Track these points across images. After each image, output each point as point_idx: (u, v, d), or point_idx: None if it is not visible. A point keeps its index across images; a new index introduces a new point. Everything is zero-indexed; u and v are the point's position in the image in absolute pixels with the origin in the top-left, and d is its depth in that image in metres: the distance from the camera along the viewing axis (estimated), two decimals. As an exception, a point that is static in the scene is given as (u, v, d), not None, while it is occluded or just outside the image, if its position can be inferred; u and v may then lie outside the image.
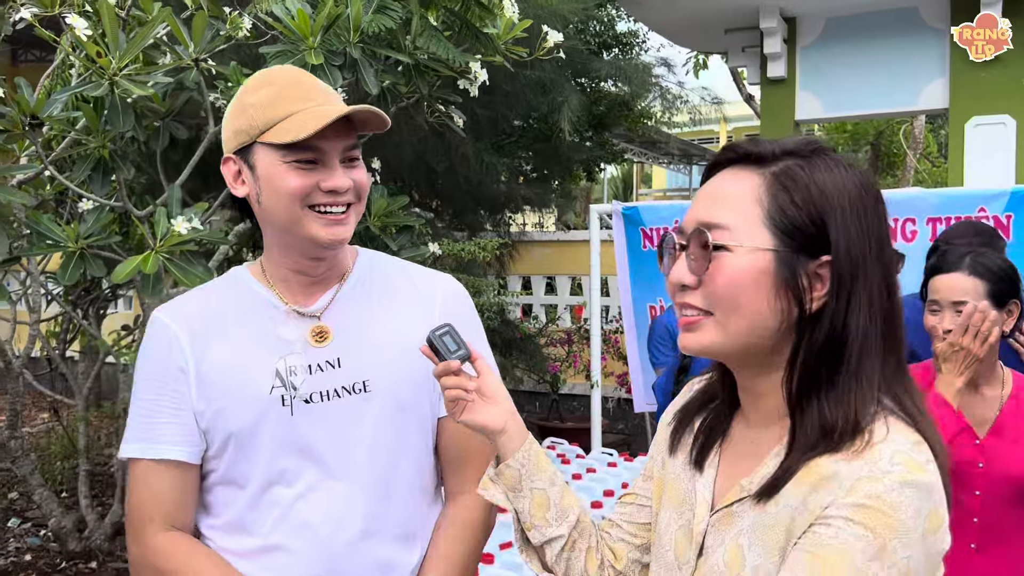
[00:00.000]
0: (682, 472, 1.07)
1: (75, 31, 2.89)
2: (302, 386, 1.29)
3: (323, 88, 1.33)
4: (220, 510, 1.32)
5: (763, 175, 0.93)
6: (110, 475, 5.43)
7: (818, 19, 6.97)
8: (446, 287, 1.43)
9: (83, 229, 3.07)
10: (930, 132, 13.93)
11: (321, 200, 1.27)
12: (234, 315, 1.34)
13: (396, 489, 1.33)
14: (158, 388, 1.31)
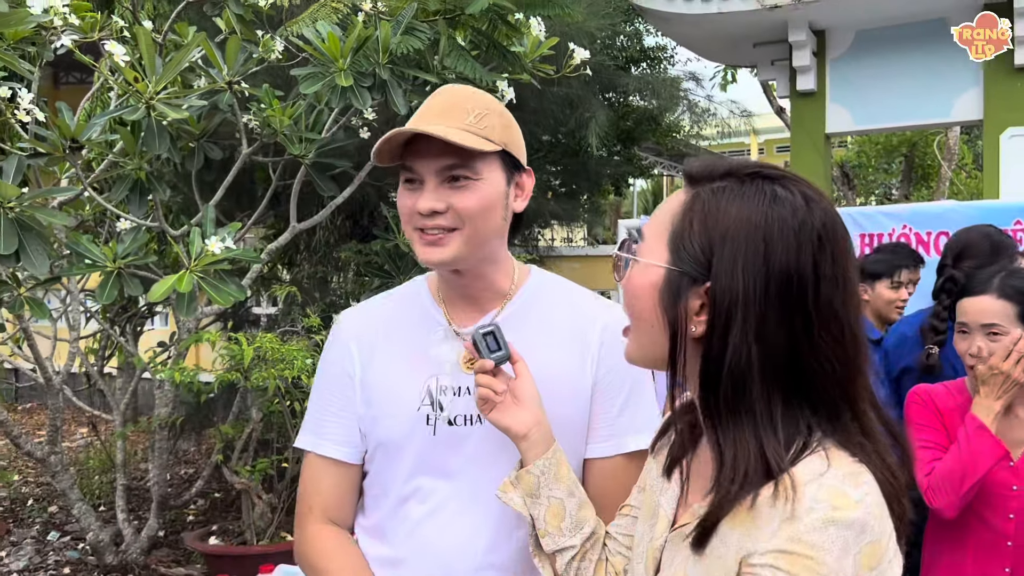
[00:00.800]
0: (655, 483, 1.07)
1: (114, 57, 2.98)
2: (448, 407, 1.29)
3: (447, 106, 1.26)
4: (368, 512, 1.37)
5: (688, 195, 0.94)
6: (146, 489, 5.52)
7: (848, 32, 6.94)
8: (608, 322, 1.32)
9: (121, 249, 3.15)
10: (965, 143, 13.74)
11: (418, 222, 1.25)
12: (403, 327, 1.36)
13: (523, 524, 1.26)
14: (329, 388, 1.37)
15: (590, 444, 1.32)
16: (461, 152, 1.21)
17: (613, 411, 1.32)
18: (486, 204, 1.24)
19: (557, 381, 1.28)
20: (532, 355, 1.29)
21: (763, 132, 19.23)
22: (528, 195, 1.34)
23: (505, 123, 1.28)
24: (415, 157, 1.24)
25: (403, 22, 3.47)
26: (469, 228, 1.24)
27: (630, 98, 8.71)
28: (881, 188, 16.36)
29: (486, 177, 1.25)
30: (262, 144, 3.86)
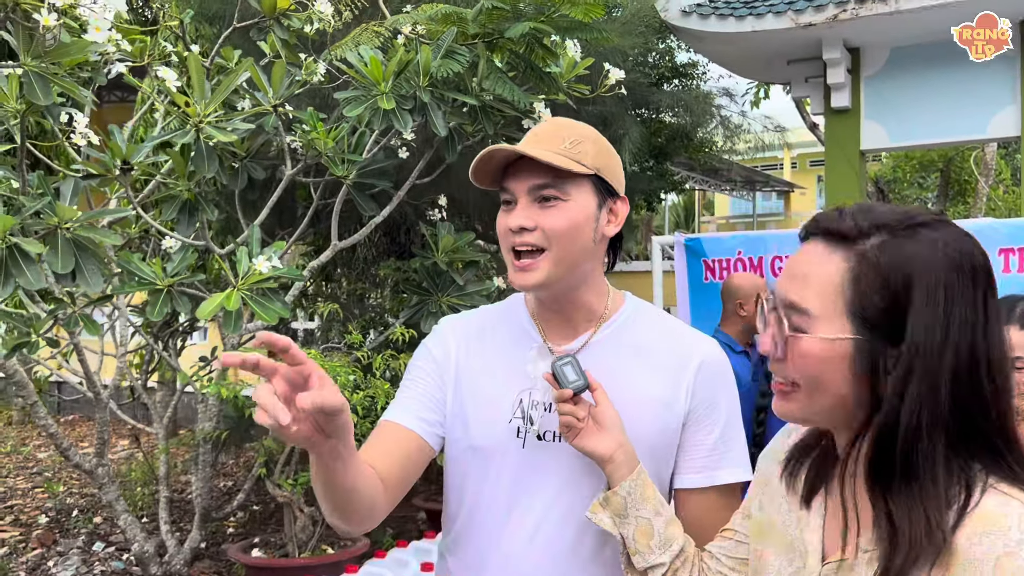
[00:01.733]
0: (787, 517, 1.05)
1: (166, 83, 3.09)
2: (539, 422, 1.32)
3: (545, 134, 1.32)
4: (453, 520, 1.40)
5: (848, 259, 0.91)
6: (187, 501, 5.63)
7: (882, 49, 6.93)
8: (706, 355, 1.35)
9: (170, 268, 3.25)
10: (1003, 158, 13.59)
11: (510, 240, 1.30)
12: (500, 340, 1.40)
13: (605, 541, 1.30)
14: (419, 373, 1.40)
15: (684, 475, 1.34)
16: (552, 172, 1.27)
17: (708, 443, 1.33)
18: (574, 224, 1.28)
19: (646, 405, 1.31)
20: (623, 378, 1.32)
21: (796, 147, 19.16)
22: (621, 221, 1.36)
23: (600, 150, 1.33)
24: (510, 179, 1.30)
25: (443, 46, 3.56)
26: (557, 248, 1.27)
27: (662, 114, 8.77)
28: (917, 203, 16.20)
29: (576, 199, 1.29)
30: (305, 164, 3.95)
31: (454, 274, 4.16)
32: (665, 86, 8.99)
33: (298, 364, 1.00)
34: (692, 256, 5.38)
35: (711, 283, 5.37)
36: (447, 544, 1.41)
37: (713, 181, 16.13)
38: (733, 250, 5.30)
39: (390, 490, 1.29)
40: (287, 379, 1.01)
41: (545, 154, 1.26)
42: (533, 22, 3.61)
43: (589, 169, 1.30)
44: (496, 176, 1.33)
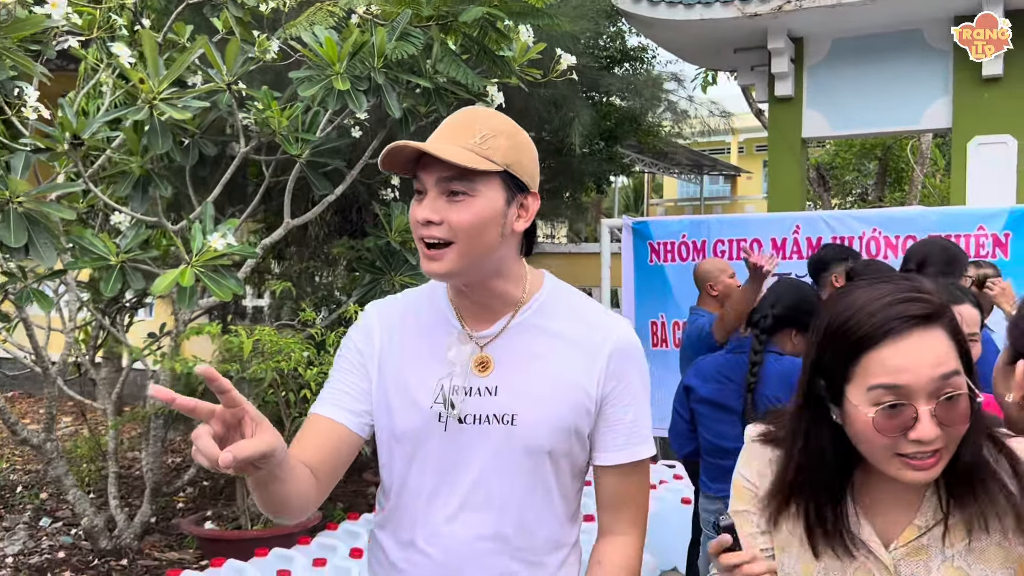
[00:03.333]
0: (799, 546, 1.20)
1: (120, 59, 3.09)
2: (460, 406, 1.35)
3: (458, 126, 1.33)
4: (384, 492, 1.44)
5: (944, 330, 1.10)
6: (135, 477, 5.62)
7: (824, 40, 7.14)
8: (620, 338, 1.40)
9: (124, 244, 3.26)
10: (937, 147, 14.06)
11: (419, 231, 1.32)
12: (422, 326, 1.43)
13: (523, 528, 1.36)
14: (344, 364, 1.43)
15: (607, 452, 1.39)
16: (461, 167, 1.27)
17: (627, 420, 1.39)
18: (479, 220, 1.29)
19: (564, 387, 1.35)
20: (541, 361, 1.37)
21: (743, 132, 19.49)
22: (531, 216, 1.38)
23: (513, 145, 1.33)
24: (421, 169, 1.32)
25: (398, 28, 3.61)
26: (463, 243, 1.29)
27: (612, 98, 8.89)
28: (857, 189, 16.66)
29: (484, 194, 1.30)
30: (258, 142, 3.97)
31: (407, 253, 4.22)
32: (615, 69, 9.10)
33: (233, 406, 1.06)
34: (639, 239, 5.53)
35: (656, 265, 5.53)
36: (380, 520, 1.46)
37: (662, 164, 16.36)
38: (678, 234, 5.46)
39: (322, 482, 1.34)
40: (222, 420, 1.06)
41: (450, 151, 1.27)
42: (487, 6, 3.67)
43: (498, 165, 1.30)
44: (409, 165, 1.34)
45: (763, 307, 2.81)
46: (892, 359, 1.06)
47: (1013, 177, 6.44)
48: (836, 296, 1.17)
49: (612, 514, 1.44)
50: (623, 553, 1.42)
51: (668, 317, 5.52)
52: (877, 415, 1.05)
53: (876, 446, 1.08)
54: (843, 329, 1.10)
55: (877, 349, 1.07)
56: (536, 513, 1.37)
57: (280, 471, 1.17)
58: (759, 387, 2.69)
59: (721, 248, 5.33)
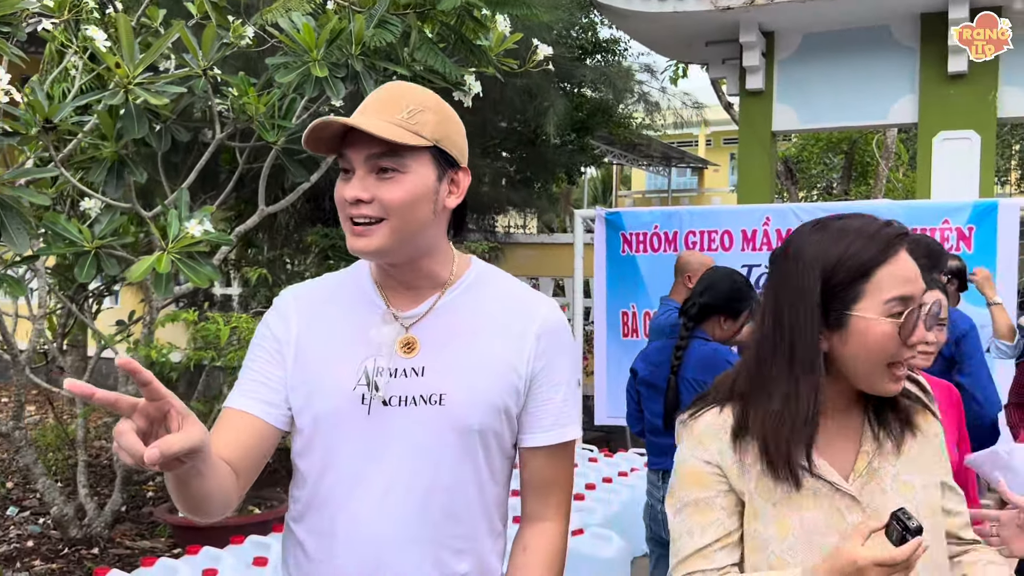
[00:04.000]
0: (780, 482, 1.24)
1: (95, 43, 3.05)
2: (384, 388, 1.31)
3: (384, 101, 1.30)
4: (300, 482, 1.38)
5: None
6: (103, 466, 5.57)
7: (795, 34, 7.23)
8: (547, 318, 1.38)
9: (98, 230, 3.23)
10: (902, 142, 14.29)
11: (347, 211, 1.28)
12: (343, 307, 1.38)
13: (452, 510, 1.32)
14: (259, 352, 1.38)
15: (535, 433, 1.37)
16: (389, 143, 1.24)
17: (557, 400, 1.36)
18: (411, 197, 1.26)
19: (494, 367, 1.33)
20: (470, 341, 1.34)
21: (711, 125, 19.65)
22: (463, 192, 1.35)
23: (441, 120, 1.30)
24: (347, 147, 1.27)
25: (376, 15, 3.59)
26: (394, 220, 1.26)
27: (584, 89, 8.92)
28: (823, 183, 16.88)
29: (414, 171, 1.27)
30: (233, 129, 3.94)
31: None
32: (588, 61, 9.15)
33: (157, 399, 1.00)
34: (612, 229, 5.58)
35: (628, 255, 5.59)
36: (295, 514, 1.39)
37: (631, 156, 16.43)
38: (650, 225, 5.53)
39: (242, 479, 1.29)
40: (146, 414, 1.01)
41: (380, 126, 1.23)
42: (465, -5, 3.67)
43: (428, 140, 1.27)
44: (333, 144, 1.29)
45: (694, 295, 2.94)
46: (900, 272, 1.20)
47: (976, 172, 6.58)
48: (815, 233, 1.25)
49: (539, 499, 1.41)
50: (550, 539, 1.39)
51: (639, 307, 5.58)
52: (899, 323, 1.19)
53: (883, 356, 1.20)
54: (850, 252, 1.21)
55: (886, 265, 1.20)
56: (465, 498, 1.33)
57: (204, 467, 1.13)
58: (682, 370, 2.83)
59: (692, 239, 5.40)
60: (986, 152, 6.60)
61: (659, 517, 2.91)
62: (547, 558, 1.38)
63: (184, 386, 4.62)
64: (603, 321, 5.62)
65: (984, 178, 6.58)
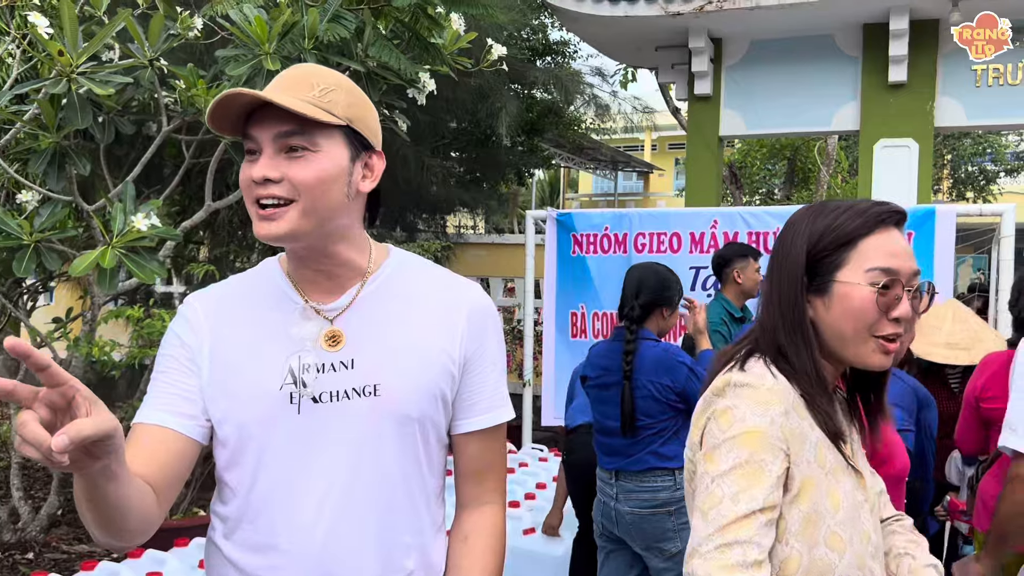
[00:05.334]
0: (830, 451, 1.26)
1: (37, 29, 2.94)
2: (313, 384, 1.25)
3: (294, 80, 1.24)
4: (230, 498, 1.29)
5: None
6: (37, 468, 5.38)
7: (743, 41, 7.36)
8: (472, 303, 1.35)
9: (37, 223, 3.12)
10: (842, 149, 14.65)
11: (254, 192, 1.20)
12: (256, 306, 1.31)
13: (397, 504, 1.28)
14: (169, 363, 1.29)
15: (470, 418, 1.34)
16: (299, 120, 1.19)
17: (490, 383, 1.35)
18: (323, 177, 1.20)
19: (426, 353, 1.29)
20: (399, 329, 1.29)
21: (657, 129, 19.90)
22: (377, 176, 1.30)
23: (353, 101, 1.25)
24: (254, 126, 1.21)
25: (330, 9, 3.55)
26: (305, 201, 1.20)
27: (534, 90, 8.95)
28: (764, 188, 17.22)
29: (326, 150, 1.21)
30: (181, 122, 3.85)
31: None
32: (538, 62, 9.18)
33: (58, 384, 0.91)
34: (563, 230, 5.60)
35: (578, 256, 5.61)
36: (223, 532, 1.30)
37: (579, 159, 16.54)
38: (601, 226, 5.56)
39: (162, 497, 1.20)
40: (48, 403, 0.91)
41: (291, 101, 1.18)
42: (421, -8, 3.65)
43: (340, 119, 1.22)
44: (238, 123, 1.23)
45: (628, 298, 3.00)
46: (886, 246, 1.24)
47: (915, 179, 6.78)
48: (815, 209, 1.31)
49: (476, 484, 1.38)
50: (491, 523, 1.37)
51: (588, 308, 5.61)
52: (877, 291, 1.22)
53: (864, 323, 1.23)
54: (837, 223, 1.26)
55: (872, 236, 1.24)
56: (408, 491, 1.29)
57: (119, 468, 1.01)
58: (636, 374, 2.87)
59: (642, 241, 5.45)
60: (924, 160, 6.81)
61: (611, 514, 2.93)
62: (491, 542, 1.35)
63: (125, 385, 4.50)
64: (552, 321, 5.63)
65: (922, 185, 6.79)
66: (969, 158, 18.32)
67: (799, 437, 1.21)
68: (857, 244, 1.24)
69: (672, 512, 2.84)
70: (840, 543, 1.20)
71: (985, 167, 18.77)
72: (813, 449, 1.22)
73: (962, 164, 18.60)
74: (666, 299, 2.97)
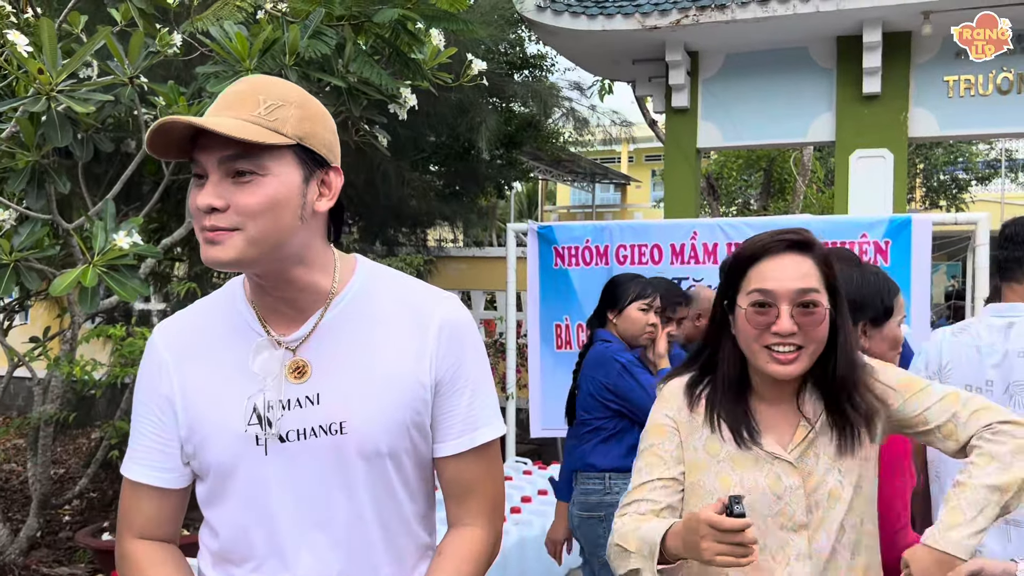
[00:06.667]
0: (725, 443, 1.50)
1: (16, 48, 2.93)
2: (278, 423, 1.20)
3: (239, 96, 1.16)
4: (211, 536, 1.28)
5: (813, 260, 1.47)
6: (15, 490, 5.30)
7: (719, 54, 7.44)
8: (444, 318, 1.27)
9: (16, 242, 3.09)
10: (818, 160, 14.83)
11: (201, 221, 1.14)
12: (219, 340, 1.26)
13: (374, 538, 1.24)
14: (144, 412, 1.28)
15: (444, 443, 1.28)
16: (244, 143, 1.11)
17: (463, 405, 1.28)
18: (270, 202, 1.13)
19: (397, 381, 1.23)
20: (366, 357, 1.23)
21: (635, 142, 20.04)
22: (335, 194, 1.22)
23: (306, 116, 1.17)
24: (199, 150, 1.14)
25: (311, 26, 3.55)
26: (252, 228, 1.13)
27: (512, 104, 8.99)
28: (741, 199, 17.37)
29: (274, 173, 1.14)
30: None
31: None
32: (515, 76, 9.22)
33: None
34: (544, 243, 5.62)
35: (560, 269, 5.64)
36: (212, 561, 1.29)
37: (557, 172, 16.61)
38: (582, 239, 5.59)
39: (176, 538, 1.30)
40: None
41: (230, 124, 1.10)
42: (401, 9, 3.66)
43: (289, 138, 1.15)
44: (184, 146, 1.16)
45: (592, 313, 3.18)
46: (767, 271, 1.45)
47: (890, 188, 6.88)
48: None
49: (457, 506, 1.32)
50: (467, 543, 1.30)
51: (572, 320, 5.63)
52: (749, 309, 1.45)
53: (750, 336, 1.45)
54: (738, 253, 1.51)
55: (758, 264, 1.47)
56: (386, 524, 1.25)
57: None
58: (582, 372, 3.01)
59: (624, 253, 5.48)
60: (899, 169, 6.91)
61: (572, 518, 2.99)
62: (462, 566, 1.27)
63: (105, 404, 4.45)
64: (536, 333, 5.64)
65: (897, 194, 6.88)
66: (941, 167, 18.59)
67: (689, 427, 1.53)
68: (747, 271, 1.47)
69: (602, 518, 2.78)
70: None
71: (957, 176, 19.05)
72: (702, 439, 1.51)
73: (935, 173, 18.87)
74: (612, 301, 3.03)
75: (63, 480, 5.82)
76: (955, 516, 1.35)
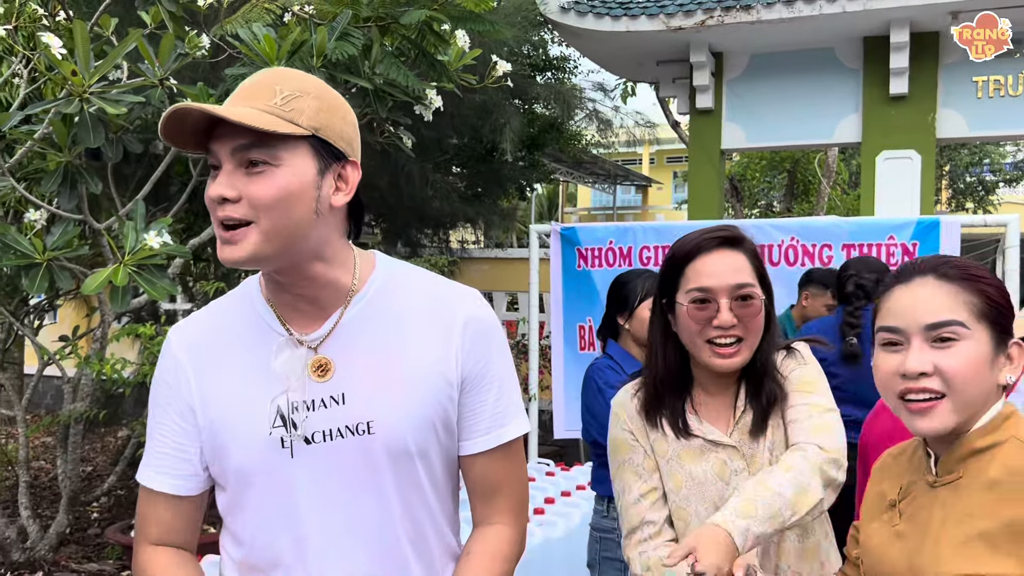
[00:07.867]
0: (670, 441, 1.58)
1: (50, 50, 2.97)
2: (303, 424, 1.17)
3: (257, 87, 1.15)
4: (234, 541, 1.26)
5: (744, 254, 1.59)
6: (44, 487, 5.37)
7: (744, 55, 7.40)
8: (470, 314, 1.25)
9: (49, 241, 3.13)
10: (842, 161, 14.69)
11: (215, 212, 1.12)
12: (237, 340, 1.23)
13: (404, 539, 1.22)
14: (161, 416, 1.25)
15: (471, 440, 1.26)
16: (258, 133, 1.09)
17: (491, 402, 1.26)
18: (285, 194, 1.11)
19: (423, 379, 1.21)
20: (391, 355, 1.20)
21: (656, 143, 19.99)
22: (352, 188, 1.19)
23: (323, 107, 1.15)
24: (214, 140, 1.13)
25: (338, 28, 3.57)
26: (265, 221, 1.10)
27: (535, 106, 8.99)
28: (764, 201, 17.26)
29: (289, 164, 1.12)
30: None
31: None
32: (538, 78, 9.22)
33: None
34: (567, 244, 5.62)
35: (583, 270, 5.63)
36: (233, 567, 1.27)
37: (578, 173, 16.59)
38: (605, 240, 5.58)
39: (194, 545, 1.28)
40: None
41: (245, 113, 1.09)
42: (427, 10, 3.68)
43: (304, 129, 1.12)
44: (200, 138, 1.14)
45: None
46: (703, 268, 1.51)
47: (917, 190, 6.81)
48: None
49: (484, 504, 1.30)
50: (495, 542, 1.28)
51: (595, 321, 5.61)
52: (690, 307, 1.50)
53: (692, 332, 1.50)
54: (673, 252, 1.55)
55: (693, 262, 1.52)
56: (418, 524, 1.23)
57: None
58: None
59: (647, 255, 5.46)
60: (926, 171, 6.84)
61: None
62: (490, 564, 1.25)
63: (133, 403, 4.50)
64: (560, 335, 5.64)
65: (925, 196, 6.81)
66: (966, 168, 18.38)
67: (644, 433, 1.59)
68: (684, 270, 1.53)
69: (598, 540, 2.59)
70: (684, 514, 1.56)
71: (984, 177, 18.83)
72: (650, 443, 1.59)
73: (961, 175, 18.65)
74: (619, 303, 2.65)
75: (92, 478, 5.88)
76: (749, 508, 1.35)
